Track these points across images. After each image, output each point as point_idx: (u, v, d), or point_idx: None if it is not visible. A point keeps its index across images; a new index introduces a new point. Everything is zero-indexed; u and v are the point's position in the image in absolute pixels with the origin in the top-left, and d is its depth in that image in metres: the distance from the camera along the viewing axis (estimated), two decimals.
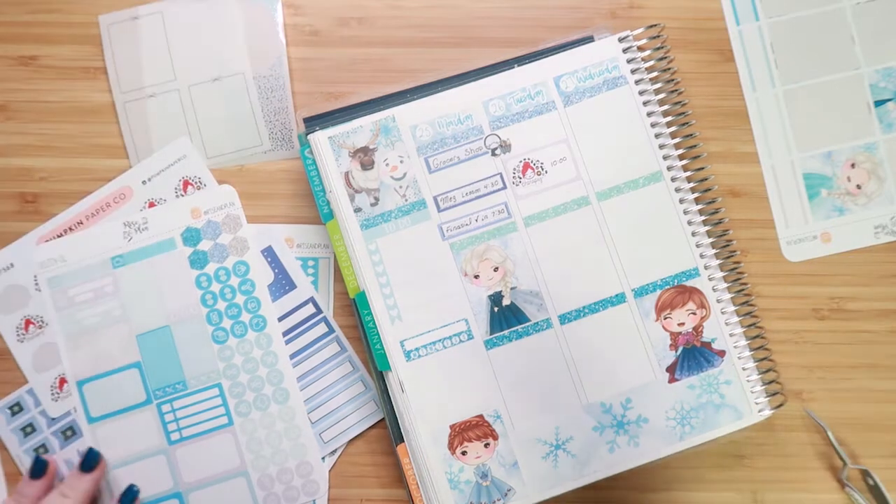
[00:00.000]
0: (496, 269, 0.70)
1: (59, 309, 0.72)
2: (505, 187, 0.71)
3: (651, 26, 0.73)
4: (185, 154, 0.74)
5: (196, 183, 0.74)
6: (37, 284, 0.73)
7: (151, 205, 0.74)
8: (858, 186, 0.75)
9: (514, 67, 0.72)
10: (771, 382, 0.71)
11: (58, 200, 0.74)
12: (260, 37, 0.75)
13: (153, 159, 0.74)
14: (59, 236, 0.73)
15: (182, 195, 0.74)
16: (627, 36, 0.72)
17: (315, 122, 0.72)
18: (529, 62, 0.72)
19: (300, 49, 0.76)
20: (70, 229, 0.73)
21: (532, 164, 0.71)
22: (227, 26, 0.75)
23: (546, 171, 0.71)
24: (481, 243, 0.70)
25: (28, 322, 0.73)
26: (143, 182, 0.74)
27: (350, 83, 0.76)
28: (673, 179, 0.71)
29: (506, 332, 0.70)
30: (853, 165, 0.75)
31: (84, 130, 0.75)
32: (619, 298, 0.70)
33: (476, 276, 0.70)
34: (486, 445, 0.69)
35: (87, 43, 0.75)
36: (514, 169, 0.71)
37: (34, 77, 0.75)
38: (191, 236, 0.73)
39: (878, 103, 0.75)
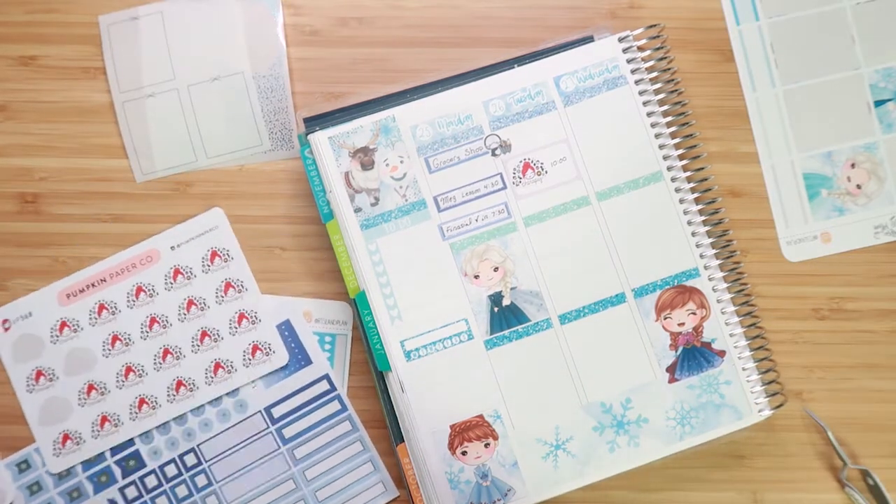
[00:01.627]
0: (496, 270, 0.70)
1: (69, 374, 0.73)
2: (505, 187, 0.71)
3: (651, 26, 0.73)
4: (218, 225, 0.74)
5: (224, 255, 0.74)
6: (52, 337, 0.73)
7: (177, 272, 0.74)
8: (858, 186, 0.75)
9: (514, 67, 0.72)
10: (771, 382, 0.71)
11: (57, 200, 0.75)
12: (260, 37, 0.75)
13: (186, 225, 0.74)
14: (81, 291, 0.73)
15: (209, 265, 0.74)
16: (627, 36, 0.72)
17: (315, 122, 0.72)
18: (529, 62, 0.72)
19: (300, 49, 0.76)
20: (93, 285, 0.73)
21: (532, 164, 0.71)
22: (227, 26, 0.75)
23: (546, 171, 0.71)
24: (481, 243, 0.70)
25: (39, 373, 0.73)
26: (172, 248, 0.74)
27: (350, 83, 0.76)
28: (673, 179, 0.71)
29: (506, 332, 0.70)
30: (853, 165, 0.75)
31: (84, 130, 0.75)
32: (619, 298, 0.70)
33: (476, 276, 0.70)
34: (487, 445, 0.69)
35: (87, 43, 0.75)
36: (515, 169, 0.71)
37: (34, 77, 0.75)
38: None
39: (878, 103, 0.75)
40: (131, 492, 0.72)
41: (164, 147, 0.75)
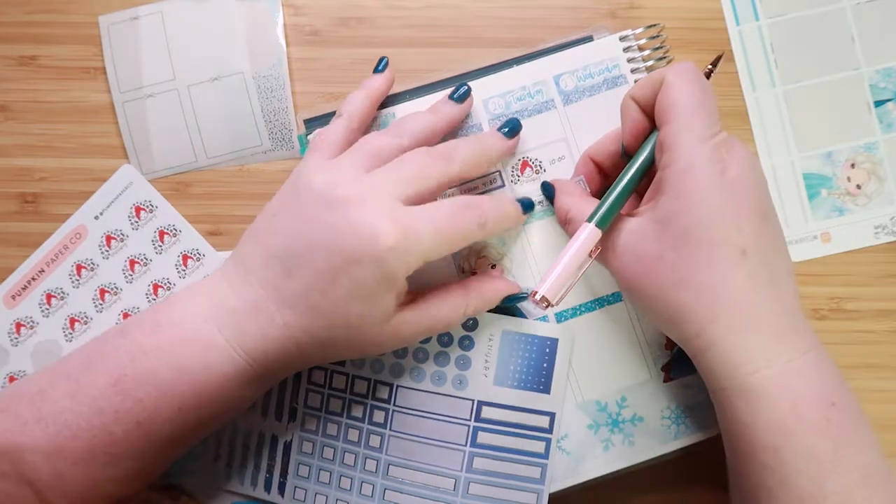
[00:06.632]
0: (493, 267, 0.70)
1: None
2: (503, 185, 0.71)
3: (651, 26, 0.73)
4: (132, 181, 0.74)
5: (148, 207, 0.74)
6: (12, 341, 0.73)
7: (109, 238, 0.74)
8: (858, 186, 0.75)
9: (513, 66, 0.72)
10: None
11: (57, 200, 0.75)
12: (260, 37, 0.75)
13: (100, 194, 0.74)
14: (24, 288, 0.73)
15: (137, 221, 0.74)
16: (628, 35, 0.72)
17: (315, 123, 0.72)
18: (529, 61, 0.72)
19: (300, 49, 0.76)
20: (33, 279, 0.74)
21: (531, 163, 0.71)
22: (227, 26, 0.75)
23: (544, 170, 0.71)
24: (479, 240, 0.70)
25: (11, 379, 0.73)
26: (96, 217, 0.74)
27: (350, 83, 0.76)
28: None
29: None
30: (853, 165, 0.75)
31: (84, 130, 0.75)
32: (616, 297, 0.70)
33: (473, 273, 0.70)
34: None
35: (87, 43, 0.76)
36: (513, 167, 0.71)
37: (34, 77, 0.75)
38: None
39: (878, 103, 0.75)
40: None
41: (164, 147, 0.75)
